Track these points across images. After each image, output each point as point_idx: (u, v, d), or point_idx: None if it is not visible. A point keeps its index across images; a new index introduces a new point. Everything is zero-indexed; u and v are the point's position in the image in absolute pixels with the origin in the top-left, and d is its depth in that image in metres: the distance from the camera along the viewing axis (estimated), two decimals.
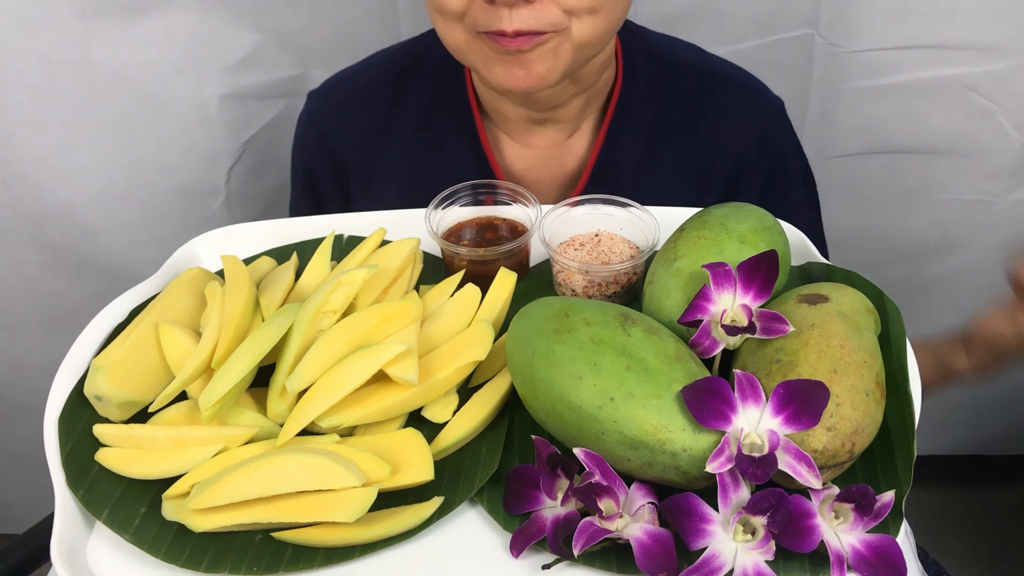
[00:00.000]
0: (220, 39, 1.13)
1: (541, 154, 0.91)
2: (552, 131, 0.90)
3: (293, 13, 1.14)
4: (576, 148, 0.91)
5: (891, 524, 0.55)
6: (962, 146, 1.24)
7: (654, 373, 0.56)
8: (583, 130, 0.91)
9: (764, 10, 1.14)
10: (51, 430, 0.63)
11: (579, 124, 0.90)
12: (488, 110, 0.90)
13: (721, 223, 0.68)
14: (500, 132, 0.91)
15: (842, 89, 1.20)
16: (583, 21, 0.72)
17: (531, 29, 0.70)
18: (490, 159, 0.90)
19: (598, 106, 0.90)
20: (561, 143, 0.91)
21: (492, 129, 0.91)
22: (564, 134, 0.90)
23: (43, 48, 1.10)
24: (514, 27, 0.70)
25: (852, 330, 0.59)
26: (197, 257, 0.79)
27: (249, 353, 0.62)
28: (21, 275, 1.28)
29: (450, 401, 0.66)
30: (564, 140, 0.91)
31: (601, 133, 0.89)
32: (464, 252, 0.74)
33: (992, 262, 1.36)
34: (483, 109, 0.90)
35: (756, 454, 0.53)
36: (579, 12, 0.72)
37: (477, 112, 0.89)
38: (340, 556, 0.57)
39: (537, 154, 0.91)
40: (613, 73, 0.89)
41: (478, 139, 0.89)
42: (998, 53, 1.14)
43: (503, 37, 0.71)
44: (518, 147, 0.91)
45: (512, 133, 0.91)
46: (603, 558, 0.56)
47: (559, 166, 0.91)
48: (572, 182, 0.92)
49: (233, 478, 0.57)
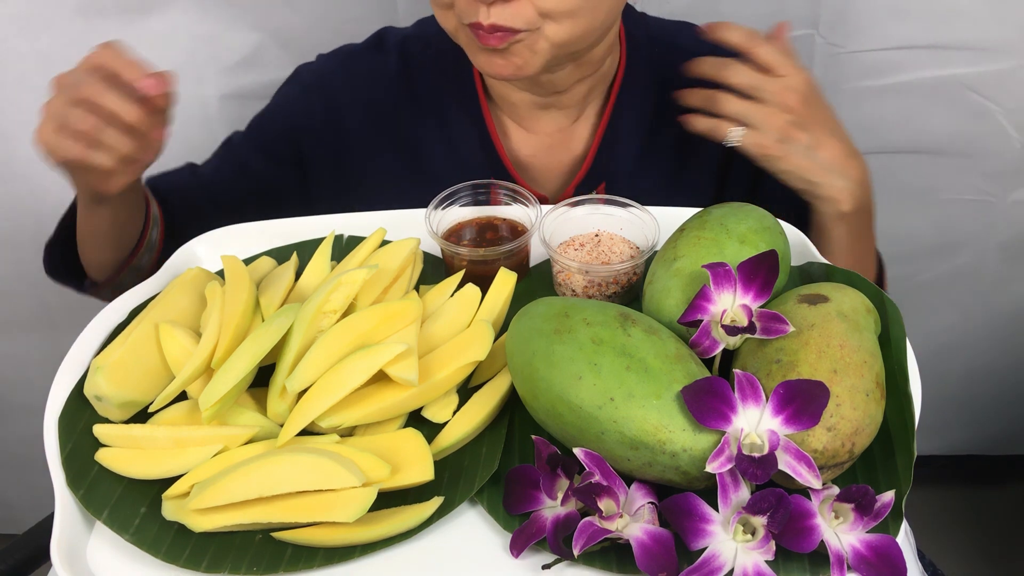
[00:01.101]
0: (220, 39, 1.13)
1: (547, 140, 0.92)
2: (557, 116, 0.90)
3: (293, 13, 1.14)
4: (581, 133, 0.92)
5: (891, 524, 0.55)
6: (962, 146, 1.24)
7: (654, 373, 0.56)
8: (587, 115, 0.91)
9: (764, 10, 1.14)
10: (51, 430, 0.63)
11: (584, 109, 0.91)
12: (494, 96, 0.91)
13: (721, 223, 0.68)
14: (506, 118, 0.92)
15: (842, 89, 1.20)
16: (560, 24, 0.74)
17: (506, 25, 0.73)
18: (497, 145, 0.90)
19: (602, 90, 0.91)
20: (566, 128, 0.91)
21: (498, 115, 0.92)
22: (569, 119, 0.91)
23: (43, 48, 1.10)
24: (490, 21, 0.73)
25: (852, 330, 0.59)
26: (197, 257, 0.79)
27: (249, 353, 0.62)
28: (21, 275, 1.28)
29: (450, 401, 0.66)
30: (569, 125, 0.91)
31: (604, 117, 0.90)
32: (464, 252, 0.74)
33: (992, 262, 1.36)
34: (489, 95, 0.91)
35: (756, 454, 0.53)
36: (556, 15, 0.73)
37: (484, 98, 0.90)
38: (340, 556, 0.57)
39: (543, 140, 0.92)
40: (618, 59, 0.90)
41: (485, 125, 0.90)
42: (998, 53, 1.14)
43: (480, 31, 0.74)
44: (524, 133, 0.92)
45: (517, 119, 0.91)
46: (603, 558, 0.56)
47: (565, 151, 0.92)
48: (576, 166, 0.92)
49: (233, 478, 0.57)
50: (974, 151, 1.24)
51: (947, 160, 1.26)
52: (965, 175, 1.27)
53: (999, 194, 1.28)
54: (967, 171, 1.26)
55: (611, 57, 0.88)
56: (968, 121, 1.21)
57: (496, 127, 0.91)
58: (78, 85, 0.68)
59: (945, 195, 1.30)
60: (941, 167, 1.27)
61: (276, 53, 1.16)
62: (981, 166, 1.25)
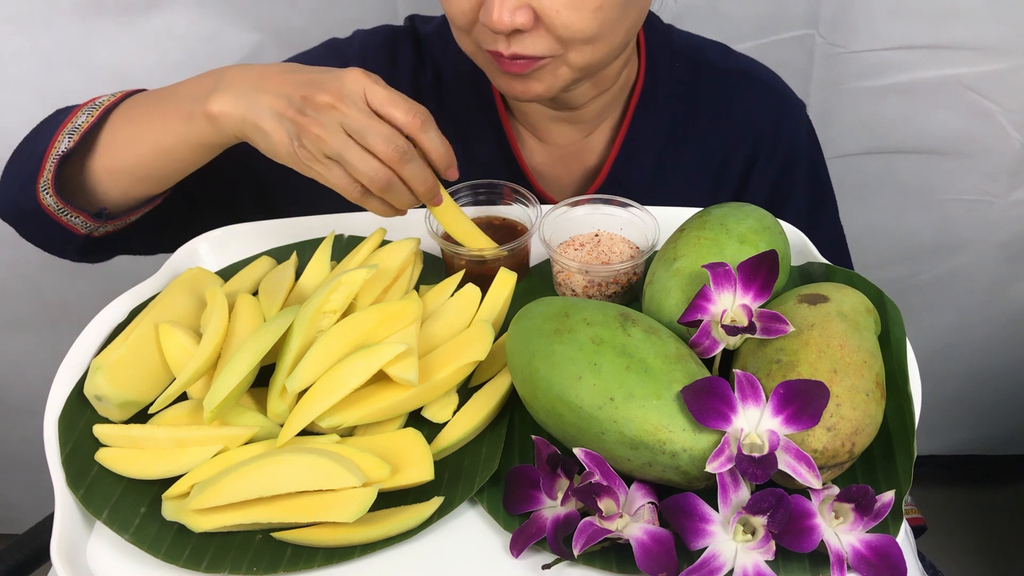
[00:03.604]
0: (220, 39, 1.13)
1: (561, 151, 0.91)
2: (572, 129, 0.90)
3: (293, 13, 1.14)
4: (596, 145, 0.91)
5: (891, 524, 0.55)
6: (962, 146, 1.24)
7: (654, 373, 0.56)
8: (603, 128, 0.91)
9: (764, 10, 1.14)
10: (51, 430, 0.63)
11: (599, 122, 0.91)
12: (511, 106, 0.90)
13: (721, 223, 0.68)
14: (522, 127, 0.92)
15: (842, 89, 1.20)
16: (580, 51, 0.73)
17: (527, 54, 0.71)
18: (516, 152, 0.90)
19: (619, 103, 0.90)
20: (581, 140, 0.91)
21: (515, 124, 0.92)
22: (584, 132, 0.91)
23: (43, 48, 1.10)
24: (510, 51, 0.71)
25: (852, 330, 0.59)
26: (197, 257, 0.79)
27: (250, 353, 0.62)
28: (21, 275, 1.28)
29: (450, 401, 0.66)
30: (584, 138, 0.91)
31: (621, 131, 0.89)
32: (464, 252, 0.74)
33: (992, 262, 1.36)
34: (507, 104, 0.91)
35: (756, 454, 0.53)
36: (576, 43, 0.72)
37: (502, 106, 0.90)
38: (340, 556, 0.57)
39: (557, 151, 0.92)
40: (634, 71, 0.89)
41: (504, 133, 0.90)
42: (998, 53, 1.14)
43: (501, 58, 0.72)
44: (539, 143, 0.92)
45: (533, 129, 0.91)
46: (603, 558, 0.56)
47: (579, 163, 0.92)
48: (591, 178, 0.92)
49: (233, 478, 0.57)
50: (974, 151, 1.24)
51: (947, 160, 1.26)
52: (965, 175, 1.27)
53: (999, 194, 1.28)
54: (967, 171, 1.26)
55: (627, 70, 0.87)
56: (968, 121, 1.21)
57: (513, 134, 0.90)
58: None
59: (945, 195, 1.30)
60: (941, 167, 1.27)
61: (276, 53, 1.16)
62: (981, 166, 1.25)
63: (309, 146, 0.65)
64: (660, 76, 0.89)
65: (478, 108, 0.90)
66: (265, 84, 0.67)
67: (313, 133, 0.65)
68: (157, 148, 0.74)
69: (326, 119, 0.64)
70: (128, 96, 0.77)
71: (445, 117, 0.90)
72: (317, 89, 0.65)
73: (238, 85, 0.68)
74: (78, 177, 0.77)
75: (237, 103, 0.67)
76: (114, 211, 0.79)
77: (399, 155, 0.65)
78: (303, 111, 0.65)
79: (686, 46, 0.92)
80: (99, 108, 0.75)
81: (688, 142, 0.90)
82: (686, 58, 0.91)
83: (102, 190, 0.78)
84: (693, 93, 0.90)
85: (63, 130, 0.75)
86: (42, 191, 0.75)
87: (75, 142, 0.74)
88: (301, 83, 0.66)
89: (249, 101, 0.67)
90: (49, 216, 0.76)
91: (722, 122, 0.91)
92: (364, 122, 0.64)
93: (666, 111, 0.90)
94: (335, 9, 1.14)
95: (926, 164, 1.27)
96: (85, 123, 0.75)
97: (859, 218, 1.31)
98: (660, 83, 0.89)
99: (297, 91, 0.65)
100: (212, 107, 0.68)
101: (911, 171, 1.28)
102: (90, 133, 0.75)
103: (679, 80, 0.90)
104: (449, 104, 0.90)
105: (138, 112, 0.75)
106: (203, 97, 0.69)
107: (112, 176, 0.77)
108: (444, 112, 0.90)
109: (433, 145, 0.68)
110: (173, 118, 0.72)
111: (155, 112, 0.74)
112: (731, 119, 0.91)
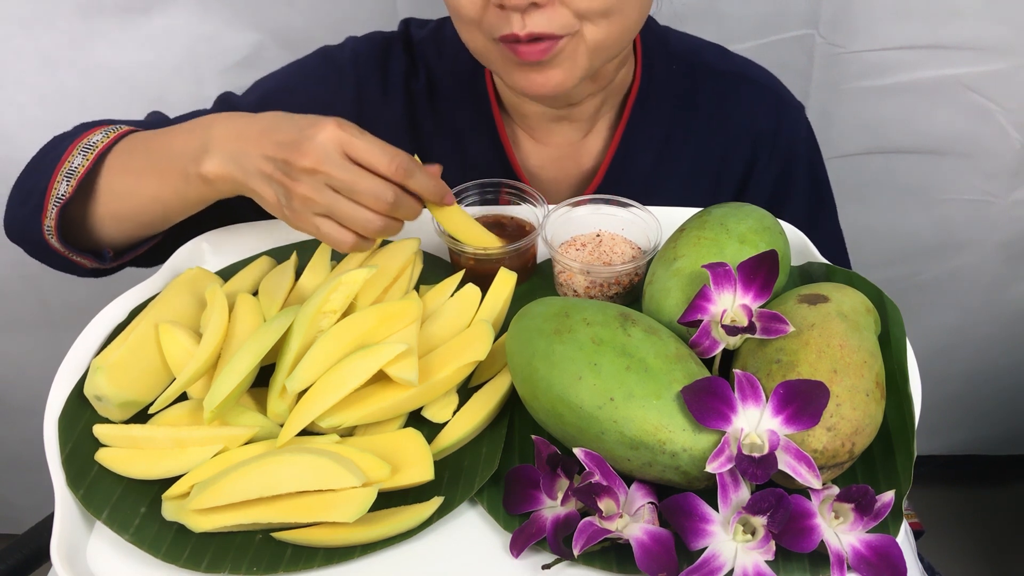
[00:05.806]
0: (220, 39, 1.13)
1: (557, 152, 0.91)
2: (569, 129, 0.90)
3: (293, 13, 1.14)
4: (592, 146, 0.91)
5: (891, 524, 0.55)
6: (962, 146, 1.24)
7: (654, 373, 0.56)
8: (599, 128, 0.91)
9: (764, 10, 1.14)
10: (51, 430, 0.63)
11: (595, 122, 0.90)
12: (507, 106, 0.90)
13: (721, 223, 0.68)
14: (518, 128, 0.91)
15: (842, 89, 1.20)
16: (596, 25, 0.72)
17: (543, 32, 0.70)
18: (510, 155, 0.90)
19: (614, 104, 0.90)
20: (577, 141, 0.91)
21: (510, 125, 0.91)
22: (581, 132, 0.90)
23: (43, 48, 1.10)
24: (526, 31, 0.70)
25: (852, 330, 0.59)
26: (197, 257, 0.79)
27: (251, 352, 0.62)
28: (21, 275, 1.28)
29: (450, 401, 0.66)
30: (580, 139, 0.91)
31: (617, 133, 0.89)
32: (470, 250, 0.74)
33: (992, 262, 1.36)
34: (502, 105, 0.90)
35: (756, 454, 0.53)
36: (591, 15, 0.71)
37: (496, 108, 0.89)
38: (340, 556, 0.57)
39: (553, 152, 0.91)
40: (631, 72, 0.89)
41: (498, 135, 0.89)
42: (998, 53, 1.14)
43: (519, 45, 0.71)
44: (535, 144, 0.91)
45: (530, 130, 0.91)
46: (603, 558, 0.56)
47: (575, 164, 0.92)
48: (587, 180, 0.92)
49: (233, 478, 0.57)
50: (974, 151, 1.24)
51: (947, 160, 1.26)
52: (965, 175, 1.27)
53: (999, 194, 1.28)
54: (967, 171, 1.26)
55: (624, 70, 0.87)
56: (968, 121, 1.21)
57: (508, 136, 0.90)
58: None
59: (945, 195, 1.30)
60: (941, 167, 1.27)
61: (276, 53, 1.16)
62: (981, 166, 1.25)
63: (298, 207, 0.66)
64: (657, 78, 0.89)
65: (472, 112, 0.90)
66: (247, 146, 0.68)
67: (300, 195, 0.66)
68: (156, 201, 0.76)
69: (311, 181, 0.65)
70: (120, 139, 0.78)
71: (438, 122, 0.90)
72: (296, 153, 0.65)
73: (225, 145, 0.69)
74: (80, 220, 0.80)
75: (228, 165, 0.68)
76: (118, 249, 0.82)
77: (388, 205, 0.66)
78: (288, 174, 0.66)
79: (683, 48, 0.91)
80: (93, 151, 0.77)
81: (686, 145, 0.90)
82: (683, 60, 0.90)
83: (106, 232, 0.80)
84: (690, 95, 0.90)
85: (60, 170, 0.76)
86: (47, 235, 0.78)
87: (73, 188, 0.76)
88: (280, 145, 0.66)
89: (239, 164, 0.68)
90: (56, 253, 0.80)
91: (721, 125, 0.90)
92: (349, 180, 0.65)
93: (663, 113, 0.89)
94: (335, 9, 1.14)
95: (926, 164, 1.26)
96: (81, 167, 0.76)
97: (859, 218, 1.31)
98: (656, 85, 0.89)
99: (278, 154, 0.66)
100: (206, 170, 0.69)
101: (911, 171, 1.28)
102: (87, 178, 0.77)
103: (676, 82, 0.89)
104: (442, 109, 0.90)
105: (133, 164, 0.77)
106: (195, 157, 0.70)
107: (115, 221, 0.79)
108: (437, 117, 0.90)
109: (422, 187, 0.68)
110: (169, 175, 0.73)
111: (151, 168, 0.75)
112: (730, 121, 0.90)
